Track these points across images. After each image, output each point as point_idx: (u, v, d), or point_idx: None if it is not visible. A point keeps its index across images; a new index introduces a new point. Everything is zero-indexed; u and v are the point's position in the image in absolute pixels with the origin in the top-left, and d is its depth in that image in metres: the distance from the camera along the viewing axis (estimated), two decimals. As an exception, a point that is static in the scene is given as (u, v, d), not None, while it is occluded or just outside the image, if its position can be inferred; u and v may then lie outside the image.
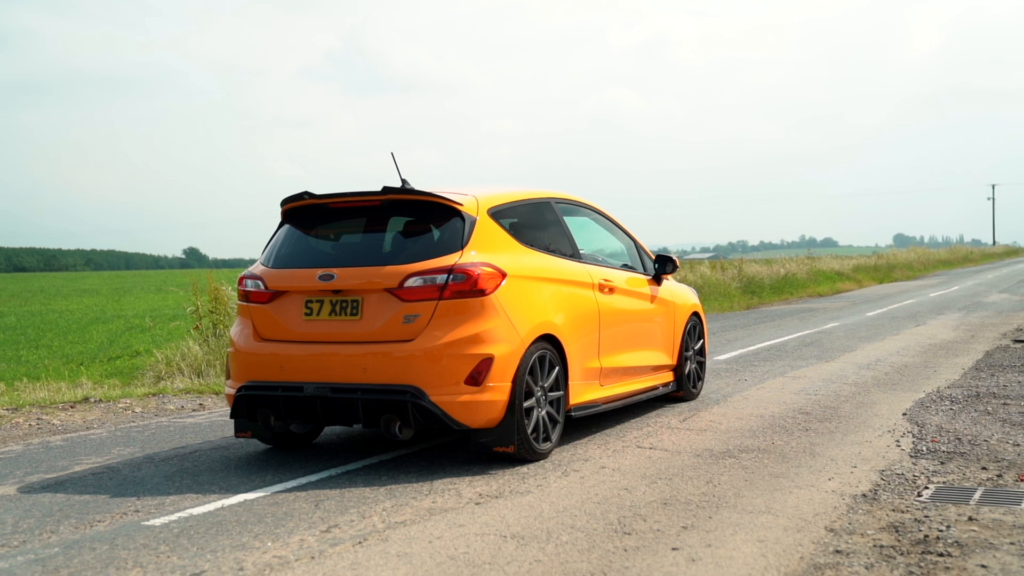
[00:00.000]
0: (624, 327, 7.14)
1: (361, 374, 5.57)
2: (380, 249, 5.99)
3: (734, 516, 4.62)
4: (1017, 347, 11.79)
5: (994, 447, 6.06)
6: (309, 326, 5.83)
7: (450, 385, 5.50)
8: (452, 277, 5.59)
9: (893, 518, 4.54)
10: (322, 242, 6.23)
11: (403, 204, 6.06)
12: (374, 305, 5.66)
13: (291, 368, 5.77)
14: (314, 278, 5.79)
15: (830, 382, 9.09)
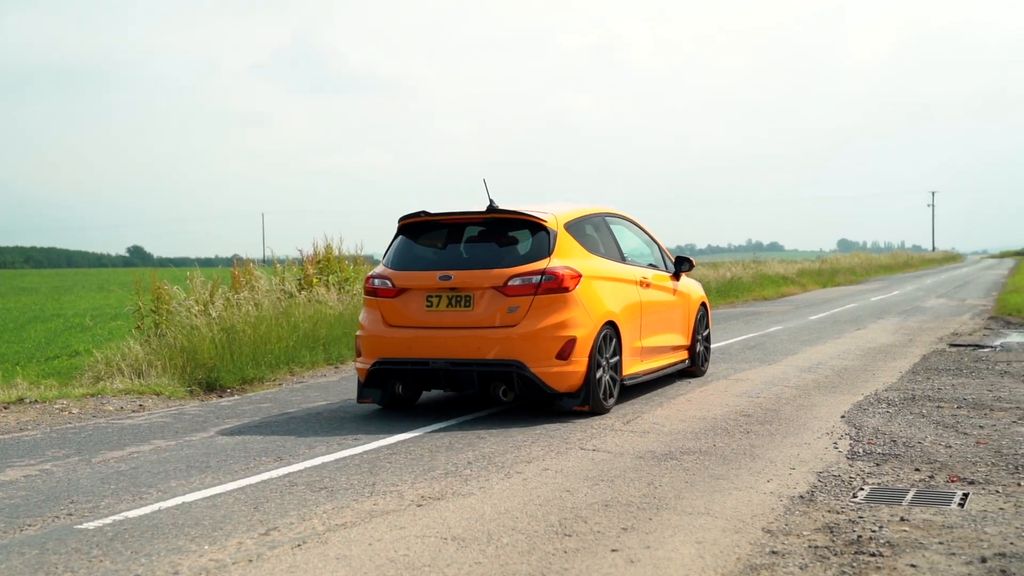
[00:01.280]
0: (656, 315, 8.88)
1: (475, 351, 7.29)
2: (486, 256, 7.68)
3: (674, 517, 4.66)
4: (952, 351, 12.06)
5: (927, 449, 6.19)
6: (430, 315, 7.51)
7: (545, 360, 7.23)
8: (544, 278, 7.34)
9: (828, 519, 4.61)
10: (436, 250, 7.93)
11: (500, 221, 7.79)
12: (484, 299, 7.38)
13: (418, 347, 7.46)
14: (435, 278, 7.50)
15: (772, 385, 9.21)
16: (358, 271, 15.45)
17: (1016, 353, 11.76)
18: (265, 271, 14.56)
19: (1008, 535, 4.24)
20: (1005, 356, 11.39)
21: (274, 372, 10.66)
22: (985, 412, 7.53)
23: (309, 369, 11.24)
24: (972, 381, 9.25)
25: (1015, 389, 8.68)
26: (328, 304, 13.41)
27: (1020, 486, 5.16)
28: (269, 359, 10.75)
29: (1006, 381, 9.20)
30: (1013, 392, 8.50)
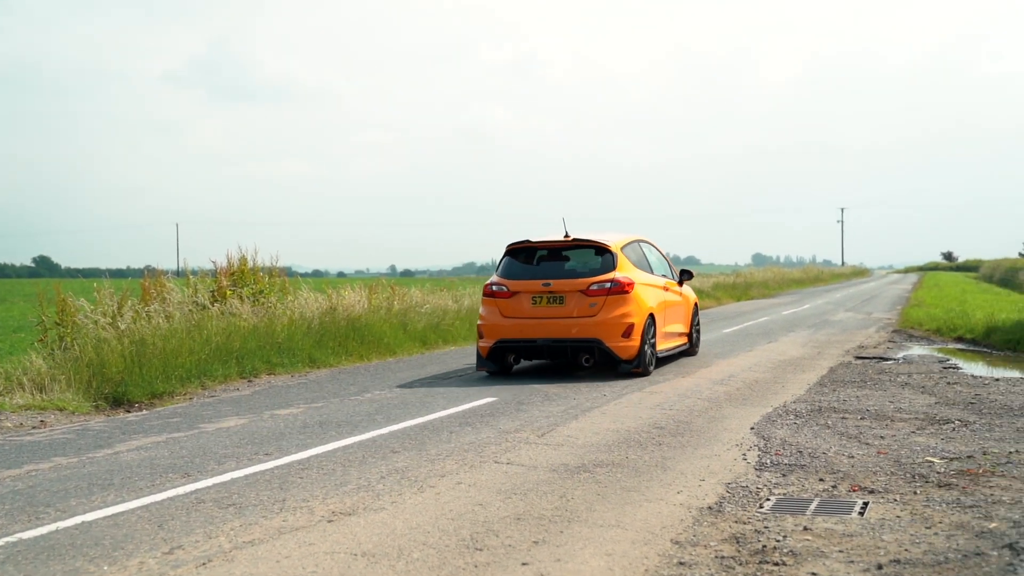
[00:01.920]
0: (672, 310, 12.52)
1: (567, 333, 10.80)
2: (572, 269, 11.34)
3: (585, 530, 4.69)
4: (858, 363, 12.43)
5: (831, 459, 6.36)
6: (536, 310, 10.96)
7: (615, 338, 10.73)
8: (612, 284, 10.88)
9: (735, 529, 4.70)
10: (535, 266, 11.42)
11: (578, 245, 11.41)
12: (572, 298, 10.86)
13: (527, 331, 10.91)
14: (539, 285, 11.00)
15: (685, 397, 9.36)
16: (273, 283, 15.21)
17: (917, 365, 12.17)
18: (178, 283, 14.23)
19: (903, 542, 4.38)
20: (907, 368, 11.78)
21: (185, 386, 10.42)
22: (886, 423, 7.77)
23: (222, 383, 11.02)
24: (875, 393, 9.54)
25: (915, 400, 8.98)
26: (242, 317, 13.18)
27: (916, 494, 5.33)
28: (180, 373, 10.51)
29: (906, 392, 9.52)
30: (913, 403, 8.79)
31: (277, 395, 10.13)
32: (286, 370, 12.18)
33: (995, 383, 10.23)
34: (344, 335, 14.21)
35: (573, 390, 9.94)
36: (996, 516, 4.78)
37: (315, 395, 10.00)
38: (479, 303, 19.08)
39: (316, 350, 13.20)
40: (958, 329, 17.14)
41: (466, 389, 10.17)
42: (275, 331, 12.96)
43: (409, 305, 17.14)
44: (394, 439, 7.25)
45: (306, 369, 12.53)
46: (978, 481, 5.61)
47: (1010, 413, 8.14)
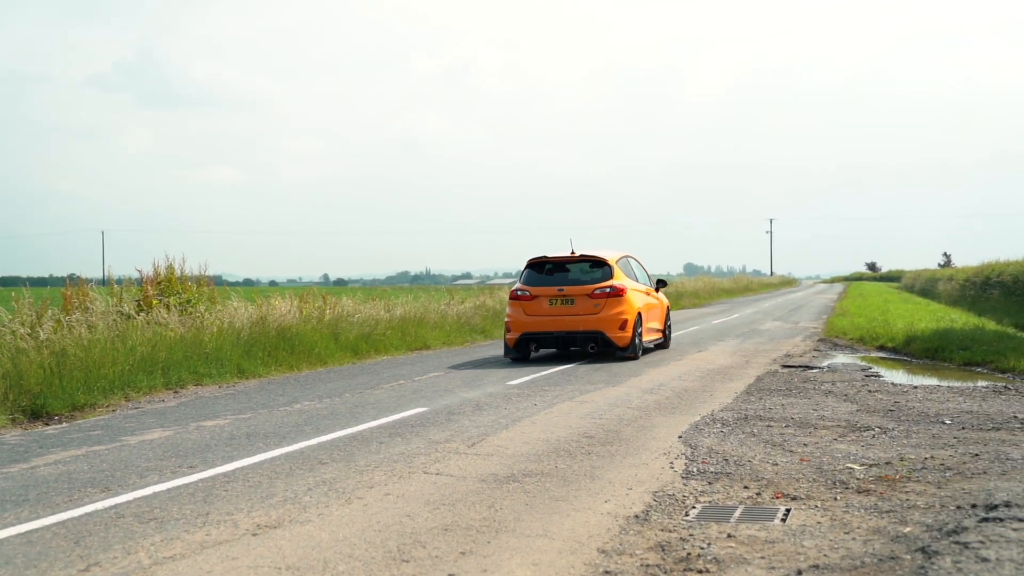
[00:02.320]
0: (652, 311, 15.47)
1: (577, 327, 13.69)
2: (579, 278, 14.31)
3: (512, 540, 4.70)
4: (784, 372, 12.67)
5: (756, 467, 6.47)
6: (552, 309, 13.90)
7: (614, 330, 13.60)
8: (611, 289, 13.80)
9: (661, 538, 4.75)
10: (550, 276, 14.44)
11: (584, 260, 14.39)
12: (581, 300, 13.78)
13: (546, 326, 13.81)
14: (554, 290, 13.96)
15: (615, 406, 9.43)
16: (201, 292, 14.96)
17: (840, 374, 12.46)
18: (102, 292, 13.91)
19: (823, 548, 4.48)
20: (830, 376, 12.05)
21: (108, 398, 10.18)
22: (810, 430, 7.93)
23: (146, 394, 10.79)
24: (800, 401, 9.74)
25: (837, 408, 9.19)
26: (169, 326, 12.92)
27: (837, 500, 5.46)
28: (102, 384, 10.27)
29: (830, 400, 9.73)
30: (835, 411, 8.99)
31: (204, 406, 9.95)
32: (214, 381, 11.98)
33: (913, 391, 10.52)
34: (274, 345, 14.03)
35: (504, 400, 9.95)
36: (911, 520, 4.91)
37: (243, 406, 9.85)
38: (411, 313, 19.14)
39: (245, 360, 13.01)
40: (880, 338, 17.59)
41: (397, 399, 10.12)
42: (203, 341, 12.74)
43: (341, 315, 16.99)
44: (322, 450, 7.18)
45: (234, 380, 12.34)
46: (895, 487, 5.76)
47: (926, 420, 8.37)
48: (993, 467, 6.22)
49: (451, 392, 10.70)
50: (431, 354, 16.63)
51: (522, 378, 12.07)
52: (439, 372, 13.08)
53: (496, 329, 21.37)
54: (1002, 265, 32.78)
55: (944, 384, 11.52)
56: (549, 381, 11.72)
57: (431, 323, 19.53)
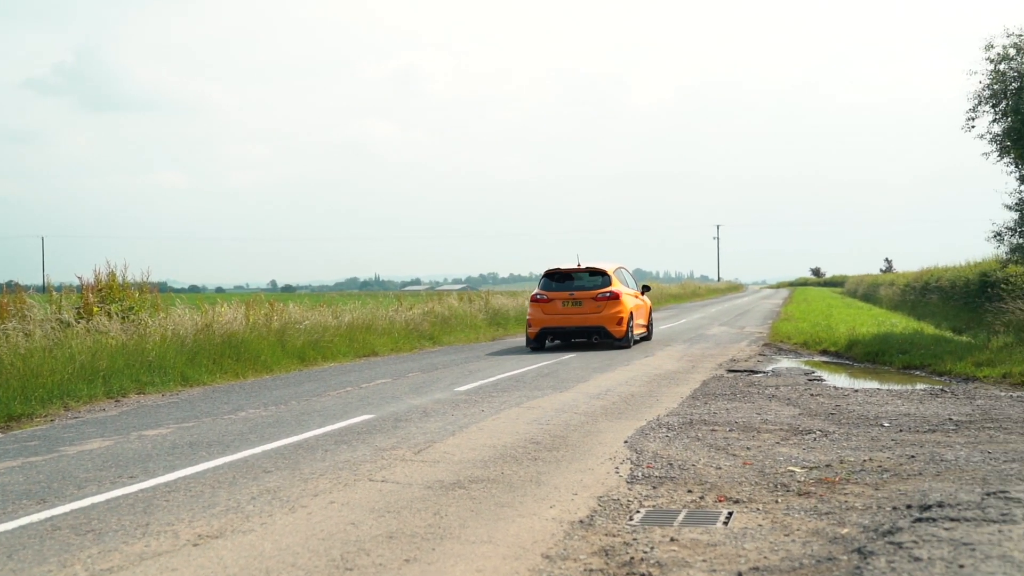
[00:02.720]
0: (639, 310, 18.84)
1: (584, 323, 17.57)
2: (585, 284, 17.90)
3: (457, 547, 4.70)
4: (729, 377, 12.83)
5: (700, 471, 6.54)
6: (564, 309, 17.63)
7: (612, 325, 17.47)
8: (610, 294, 17.59)
9: (605, 542, 4.78)
10: (562, 283, 18.02)
11: (588, 270, 18.11)
12: (587, 302, 17.54)
13: (560, 322, 17.60)
14: (567, 294, 17.74)
15: (562, 412, 9.47)
16: (144, 299, 14.73)
17: (784, 378, 12.65)
18: (40, 299, 13.63)
19: (763, 550, 4.55)
20: (775, 381, 12.23)
21: (46, 407, 9.98)
22: (753, 434, 8.04)
23: (86, 403, 10.59)
24: (744, 405, 9.87)
25: (780, 412, 9.33)
26: (110, 334, 12.71)
27: (778, 503, 5.54)
28: (40, 393, 10.05)
29: (773, 404, 9.88)
30: (778, 415, 9.13)
31: (146, 415, 9.79)
32: (157, 389, 11.80)
33: (854, 394, 10.72)
34: (219, 352, 13.86)
35: (452, 406, 9.94)
36: (848, 522, 5.00)
37: (186, 414, 9.72)
38: (359, 319, 19.06)
39: (189, 368, 12.84)
40: (823, 342, 17.89)
41: (344, 407, 10.05)
42: (145, 349, 12.55)
43: (288, 321, 16.84)
44: (267, 459, 7.11)
45: (178, 388, 12.16)
46: (834, 489, 5.86)
47: (866, 423, 8.54)
48: (928, 468, 6.37)
49: (398, 399, 10.66)
50: (379, 361, 16.56)
51: (470, 384, 12.06)
52: (387, 379, 13.02)
53: (445, 336, 21.35)
54: (940, 270, 33.54)
55: (883, 387, 11.76)
56: (497, 387, 11.73)
57: (379, 330, 19.44)
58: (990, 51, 15.17)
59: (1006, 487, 5.50)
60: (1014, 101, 14.63)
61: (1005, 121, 15.24)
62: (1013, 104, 14.66)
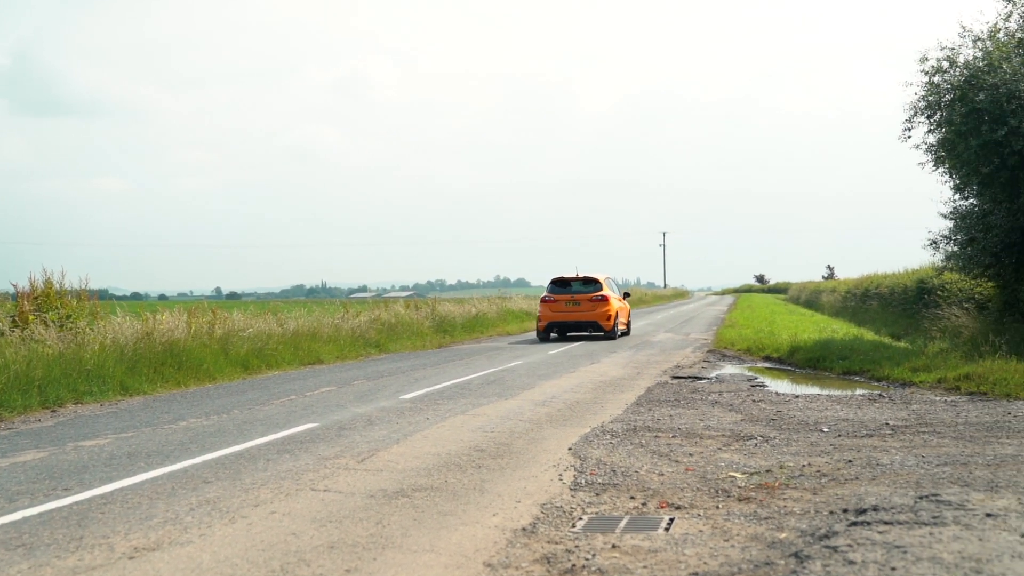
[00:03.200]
0: (622, 311, 24.54)
1: (581, 318, 23.13)
2: (581, 289, 23.41)
3: (398, 556, 4.67)
4: (674, 383, 12.95)
5: (643, 477, 6.59)
6: (566, 308, 23.21)
7: (603, 321, 23.02)
8: (601, 297, 23.15)
9: (547, 550, 4.79)
10: (564, 287, 23.63)
11: (585, 279, 23.65)
12: (584, 303, 23.09)
13: (563, 317, 23.27)
14: (568, 296, 23.33)
15: (507, 419, 9.48)
16: (83, 307, 14.44)
17: (727, 384, 12.80)
18: (-27, 307, 13.29)
19: (703, 555, 4.60)
20: (718, 387, 12.37)
21: (-22, 418, 9.71)
22: (696, 440, 8.13)
23: (20, 414, 10.34)
24: (688, 411, 9.97)
25: (723, 418, 9.44)
26: (46, 343, 12.43)
27: (719, 509, 5.60)
28: (-27, 404, 9.79)
29: (716, 411, 9.99)
30: (721, 421, 9.24)
31: (83, 425, 9.59)
32: (95, 399, 11.56)
33: (795, 400, 10.89)
34: (160, 361, 13.64)
35: (397, 414, 9.89)
36: (787, 527, 5.08)
37: (125, 424, 9.54)
38: (304, 327, 18.90)
39: (129, 377, 12.61)
40: (766, 349, 18.14)
41: (287, 415, 9.95)
42: (83, 358, 12.30)
43: (231, 329, 16.62)
44: (207, 469, 7.01)
45: (117, 397, 11.93)
46: (774, 494, 5.94)
47: (806, 428, 8.67)
48: (864, 472, 6.49)
49: (343, 407, 10.58)
50: (324, 369, 16.42)
51: (416, 392, 12.02)
52: (331, 387, 12.92)
53: (391, 343, 21.27)
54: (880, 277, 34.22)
55: (824, 393, 11.97)
56: (443, 395, 11.70)
57: (325, 337, 19.29)
58: (925, 64, 15.53)
59: (938, 490, 5.63)
60: (948, 113, 14.99)
61: (939, 132, 15.61)
62: (947, 116, 15.02)
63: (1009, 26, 15.58)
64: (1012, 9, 15.64)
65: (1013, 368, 11.50)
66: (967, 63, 14.87)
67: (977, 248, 16.11)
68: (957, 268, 17.66)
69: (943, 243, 17.35)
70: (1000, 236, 15.44)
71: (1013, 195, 14.67)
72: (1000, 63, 14.21)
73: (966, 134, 14.37)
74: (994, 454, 7.02)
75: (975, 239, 16.14)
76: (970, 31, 15.58)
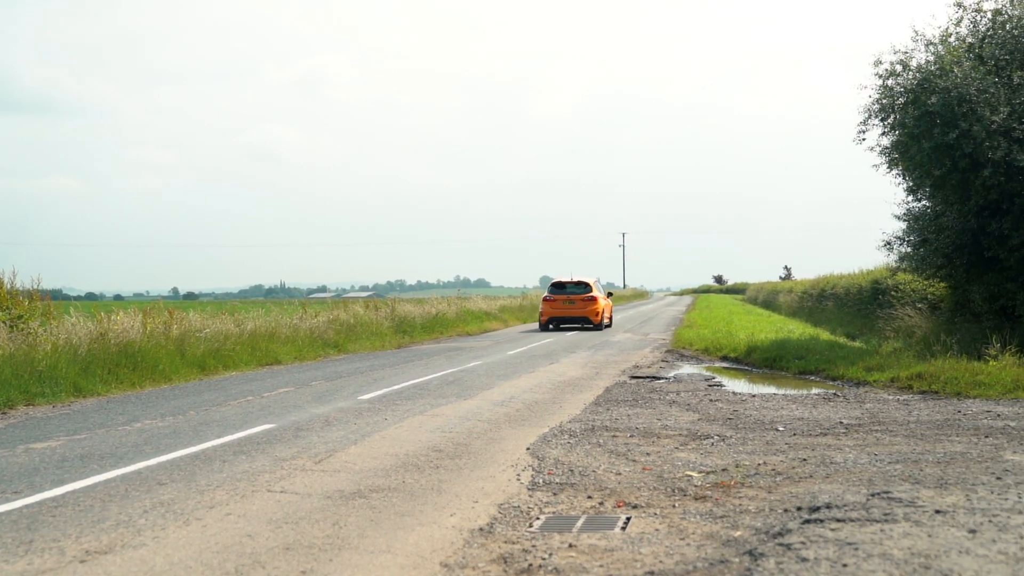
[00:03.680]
0: (607, 308, 30.17)
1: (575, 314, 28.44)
2: (575, 290, 28.89)
3: (355, 557, 4.65)
4: (632, 383, 13.03)
5: (600, 477, 6.63)
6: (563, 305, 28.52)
7: (593, 316, 28.30)
8: (591, 297, 28.41)
9: (504, 549, 4.80)
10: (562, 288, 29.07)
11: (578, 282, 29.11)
12: (578, 302, 28.35)
13: (560, 313, 28.65)
14: (565, 296, 28.71)
15: (465, 420, 9.47)
16: (34, 307, 14.18)
17: (685, 384, 12.90)
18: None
19: (659, 554, 4.63)
20: (676, 387, 12.46)
21: (-74, 420, 9.51)
22: (653, 440, 8.18)
23: (-30, 415, 10.13)
24: (645, 411, 10.03)
25: (680, 417, 9.51)
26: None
27: (675, 508, 5.65)
28: (-80, 406, 9.58)
29: (673, 410, 10.07)
30: (678, 420, 9.31)
31: (34, 427, 9.43)
32: (47, 400, 11.37)
33: (751, 399, 11.00)
34: (115, 362, 13.44)
35: (355, 415, 9.85)
36: (742, 525, 5.13)
37: (78, 426, 9.39)
38: (262, 327, 18.74)
39: (82, 378, 12.41)
40: (724, 349, 18.31)
41: (244, 416, 9.86)
42: (35, 359, 12.08)
43: (188, 330, 16.42)
44: (162, 470, 6.93)
45: (70, 399, 11.75)
46: (730, 492, 6.00)
47: (762, 427, 8.77)
48: (819, 471, 6.58)
49: (300, 408, 10.51)
50: (282, 369, 16.29)
51: (374, 392, 11.97)
52: (289, 388, 12.82)
53: (350, 344, 21.16)
54: (835, 278, 34.67)
55: (780, 392, 12.11)
56: (402, 395, 11.66)
57: (283, 338, 19.13)
58: (879, 67, 15.77)
59: (889, 488, 5.72)
60: (901, 116, 15.22)
61: (893, 134, 15.86)
62: (900, 118, 15.25)
63: (960, 31, 15.87)
64: (963, 15, 15.94)
65: (963, 367, 11.72)
66: (920, 67, 15.13)
67: (929, 249, 16.39)
68: (910, 269, 17.95)
69: (897, 244, 17.64)
70: (952, 237, 15.73)
71: (964, 197, 14.95)
72: (951, 67, 14.47)
73: (919, 137, 14.61)
74: (944, 452, 7.15)
75: (928, 240, 16.43)
76: (923, 35, 15.86)
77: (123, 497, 6.05)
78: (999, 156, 13.86)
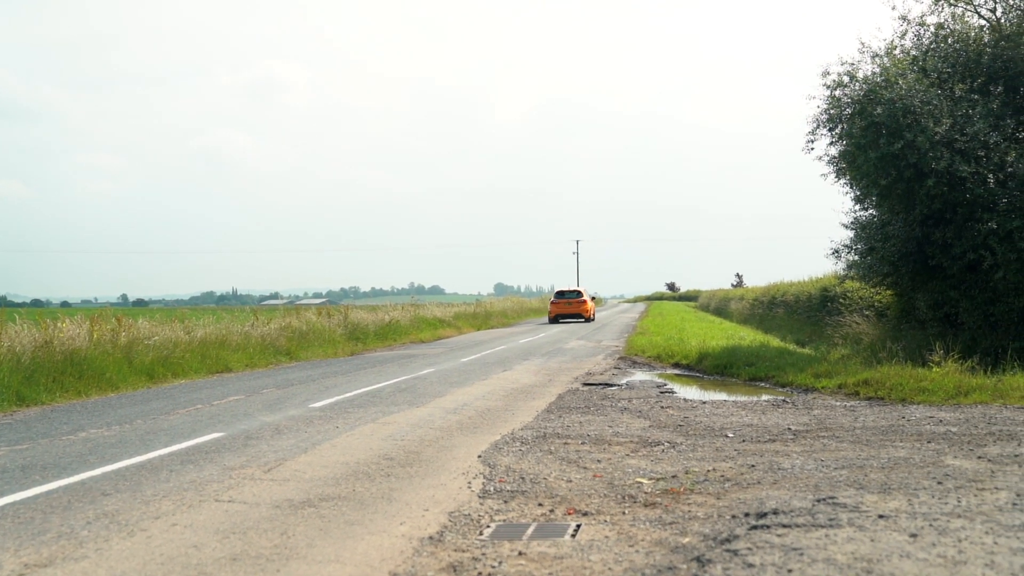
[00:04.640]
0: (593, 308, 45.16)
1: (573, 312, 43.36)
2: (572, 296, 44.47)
3: (303, 567, 4.61)
4: (585, 390, 13.08)
5: (551, 484, 6.64)
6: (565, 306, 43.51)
7: (585, 313, 43.24)
8: (583, 300, 43.66)
9: (454, 558, 4.79)
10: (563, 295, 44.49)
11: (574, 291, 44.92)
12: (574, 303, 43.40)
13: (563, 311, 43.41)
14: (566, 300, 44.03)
15: (417, 427, 9.44)
16: (-21, 315, 13.87)
17: (637, 391, 12.98)
18: None
19: (608, 561, 4.65)
20: (628, 394, 12.53)
21: None
22: (605, 447, 8.22)
23: (-92, 425, 9.87)
24: (597, 418, 10.07)
25: (632, 424, 9.57)
26: (-64, 351, 11.90)
27: (625, 514, 5.67)
28: None
29: (625, 417, 10.12)
30: (630, 427, 9.36)
31: (-25, 437, 9.21)
32: (-12, 409, 11.12)
33: (702, 406, 11.10)
34: (60, 370, 13.20)
35: (305, 423, 9.76)
36: (690, 531, 5.17)
37: (20, 436, 9.19)
38: (212, 335, 18.55)
39: (26, 387, 12.16)
40: (676, 356, 18.46)
41: (192, 425, 9.73)
42: (-24, 367, 11.81)
43: (136, 337, 16.17)
44: (107, 481, 6.81)
45: (13, 408, 11.50)
46: (679, 499, 6.05)
47: (712, 433, 8.85)
48: (767, 477, 6.65)
49: (250, 416, 10.39)
50: (233, 377, 16.10)
51: (326, 400, 11.88)
52: (239, 396, 12.68)
53: (302, 351, 21.00)
54: (786, 285, 35.15)
55: (730, 399, 12.23)
56: (353, 403, 11.59)
57: (233, 345, 18.92)
58: (827, 78, 16.05)
59: (835, 493, 5.81)
60: (848, 126, 15.50)
61: (841, 144, 16.13)
62: (847, 129, 15.53)
63: (904, 43, 16.22)
64: (907, 28, 16.29)
65: (908, 374, 11.95)
66: (866, 78, 15.41)
67: (876, 257, 16.69)
68: (858, 277, 18.27)
69: (845, 252, 17.94)
70: (897, 246, 16.03)
71: (909, 206, 15.25)
72: (896, 79, 14.76)
73: (865, 147, 14.88)
74: (888, 457, 7.27)
75: (874, 248, 16.72)
76: (869, 47, 16.18)
77: (65, 508, 5.93)
78: (942, 166, 14.17)
